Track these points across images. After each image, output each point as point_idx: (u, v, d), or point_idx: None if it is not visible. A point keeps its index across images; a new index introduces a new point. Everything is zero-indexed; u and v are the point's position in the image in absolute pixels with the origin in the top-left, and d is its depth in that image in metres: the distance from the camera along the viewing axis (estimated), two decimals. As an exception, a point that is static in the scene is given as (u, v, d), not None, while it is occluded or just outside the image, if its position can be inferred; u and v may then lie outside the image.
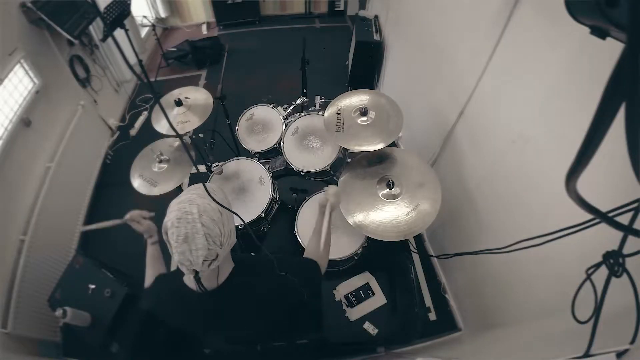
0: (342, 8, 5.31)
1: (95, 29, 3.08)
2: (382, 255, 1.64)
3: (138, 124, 3.45)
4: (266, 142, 1.94)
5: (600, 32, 0.48)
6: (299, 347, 1.67)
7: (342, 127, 1.54)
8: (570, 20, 0.51)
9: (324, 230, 1.14)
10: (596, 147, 0.40)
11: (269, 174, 1.74)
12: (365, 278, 1.60)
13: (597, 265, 0.68)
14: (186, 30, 5.18)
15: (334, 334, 1.50)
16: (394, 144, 1.71)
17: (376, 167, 1.52)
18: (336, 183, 1.56)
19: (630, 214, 0.59)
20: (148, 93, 3.66)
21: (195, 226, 0.77)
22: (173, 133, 1.15)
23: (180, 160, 1.71)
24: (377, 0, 3.65)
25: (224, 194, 0.91)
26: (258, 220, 1.63)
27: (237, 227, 1.61)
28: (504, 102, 1.43)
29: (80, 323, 1.57)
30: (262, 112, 2.05)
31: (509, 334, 1.42)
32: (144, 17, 4.04)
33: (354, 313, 1.52)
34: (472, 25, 1.64)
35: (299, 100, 2.09)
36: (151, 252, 1.19)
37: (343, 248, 1.54)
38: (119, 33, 2.95)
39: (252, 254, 1.26)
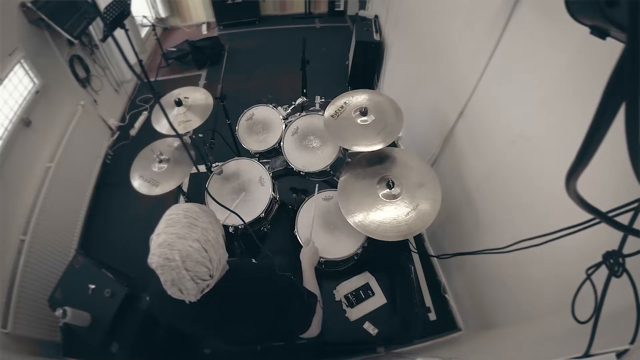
0: (342, 8, 5.31)
1: (95, 29, 3.08)
2: (382, 255, 1.64)
3: (138, 124, 3.45)
4: (266, 142, 1.94)
5: (600, 32, 0.48)
6: (299, 347, 1.67)
7: (338, 116, 1.55)
8: (570, 20, 0.51)
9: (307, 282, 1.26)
10: (596, 147, 0.40)
11: (269, 174, 1.74)
12: (365, 278, 1.60)
13: (597, 265, 0.68)
14: (186, 30, 5.18)
15: (334, 334, 1.50)
16: (394, 144, 1.70)
17: (376, 167, 1.52)
18: (336, 183, 1.56)
19: (630, 214, 0.59)
20: (148, 93, 3.67)
21: (180, 272, 0.75)
22: (173, 133, 1.15)
23: (180, 160, 1.71)
24: (377, 0, 3.65)
25: (209, 218, 0.85)
26: (258, 220, 1.63)
27: (237, 227, 1.62)
28: (504, 102, 1.43)
29: (80, 323, 1.57)
30: (262, 112, 2.04)
31: (509, 334, 1.42)
32: (144, 17, 4.04)
33: (354, 313, 1.52)
34: (472, 25, 1.64)
35: (299, 100, 2.09)
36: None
37: (343, 248, 1.54)
38: (119, 33, 2.94)
39: (254, 260, 1.25)
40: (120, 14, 2.89)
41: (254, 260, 1.25)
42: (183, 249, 0.75)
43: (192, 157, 1.13)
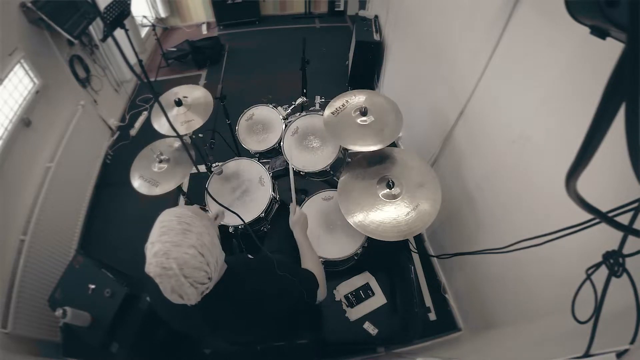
0: (342, 8, 5.30)
1: (95, 29, 3.08)
2: (382, 255, 1.64)
3: (138, 124, 3.45)
4: (266, 142, 1.94)
5: (600, 32, 0.48)
6: (299, 347, 1.67)
7: (338, 114, 1.57)
8: (570, 20, 0.51)
9: (304, 249, 1.24)
10: (596, 147, 0.40)
11: (269, 174, 1.74)
12: (365, 278, 1.60)
13: (597, 265, 0.68)
14: (186, 30, 5.17)
15: (334, 334, 1.50)
16: (394, 144, 1.71)
17: (376, 167, 1.52)
18: (336, 183, 1.56)
19: (630, 214, 0.59)
20: (148, 93, 3.66)
21: (179, 280, 0.75)
22: (173, 133, 1.15)
23: (180, 160, 1.71)
24: (377, 0, 3.65)
25: (203, 221, 0.83)
26: (258, 220, 1.63)
27: (237, 227, 1.62)
28: (504, 102, 1.43)
29: (80, 323, 1.57)
30: (262, 112, 2.05)
31: (509, 334, 1.42)
32: (144, 17, 4.04)
33: (354, 313, 1.52)
34: (472, 25, 1.64)
35: (299, 100, 2.09)
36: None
37: (343, 248, 1.54)
38: (119, 33, 2.94)
39: (250, 256, 1.26)
40: (120, 14, 2.89)
41: (250, 257, 1.25)
42: (179, 257, 0.74)
43: (192, 157, 1.13)
